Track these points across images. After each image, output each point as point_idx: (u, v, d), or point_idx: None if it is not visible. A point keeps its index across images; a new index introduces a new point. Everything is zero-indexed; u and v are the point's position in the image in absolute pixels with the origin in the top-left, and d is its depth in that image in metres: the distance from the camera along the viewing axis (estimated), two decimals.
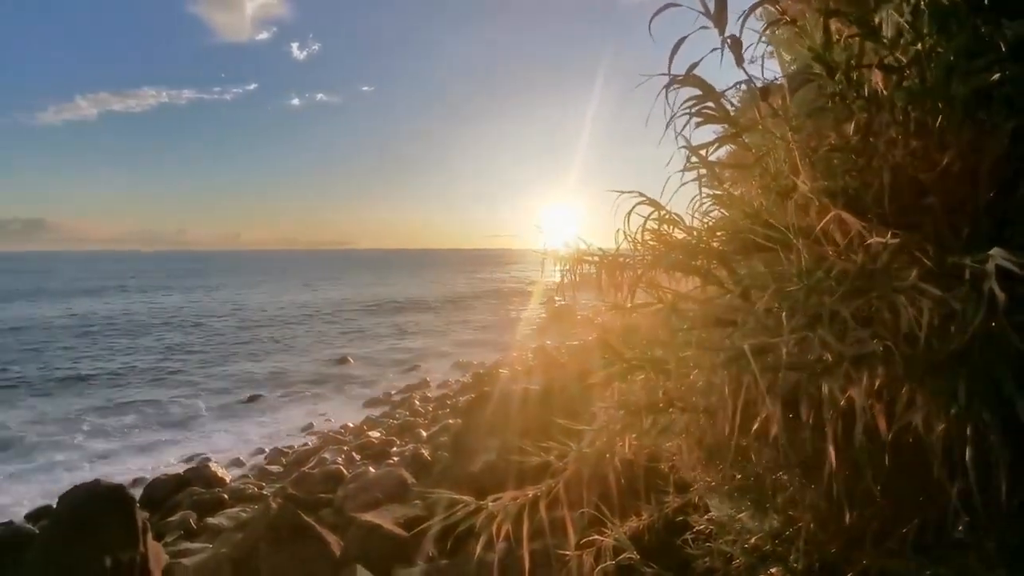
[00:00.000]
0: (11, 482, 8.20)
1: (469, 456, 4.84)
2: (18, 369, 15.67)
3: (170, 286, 48.97)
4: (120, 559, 3.50)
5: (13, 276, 60.64)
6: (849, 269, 0.75)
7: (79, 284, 48.88)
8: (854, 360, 0.70)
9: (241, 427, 10.79)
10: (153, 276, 62.04)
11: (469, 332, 23.09)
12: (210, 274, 67.54)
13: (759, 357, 0.75)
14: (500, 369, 12.82)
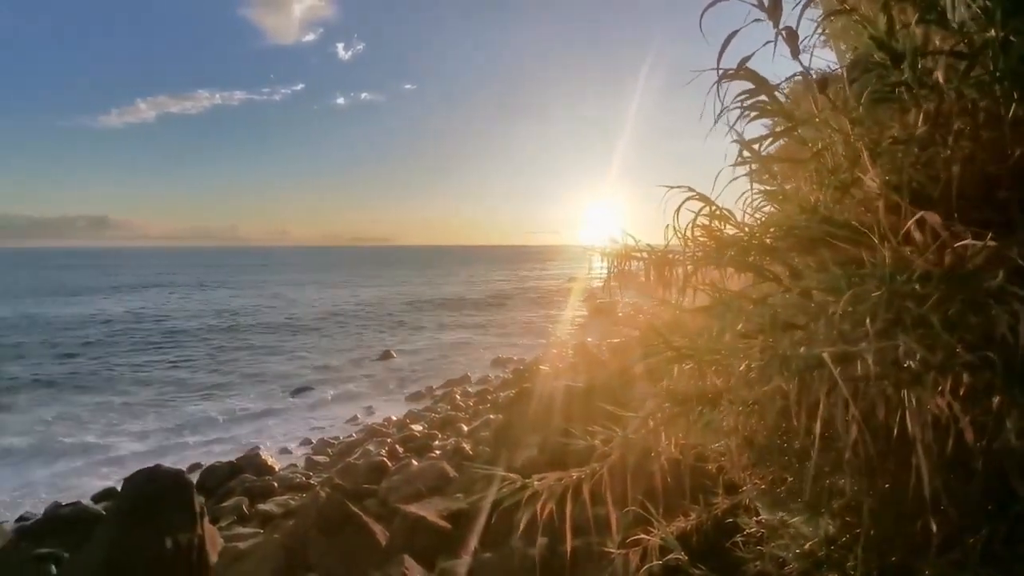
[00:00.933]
0: (78, 465, 8.70)
1: (511, 451, 4.86)
2: (83, 361, 16.62)
3: (222, 281, 50.99)
4: (179, 541, 3.68)
5: (80, 271, 64.10)
6: (933, 271, 0.72)
7: (142, 279, 51.35)
8: (941, 368, 0.67)
9: (289, 418, 11.16)
10: (206, 272, 64.56)
11: (509, 328, 23.17)
12: (259, 270, 69.91)
13: (840, 366, 0.73)
14: (540, 366, 12.81)
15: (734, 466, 1.64)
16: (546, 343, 18.48)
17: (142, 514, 3.65)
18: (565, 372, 10.92)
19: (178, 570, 3.72)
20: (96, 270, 66.73)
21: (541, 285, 46.20)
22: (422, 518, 3.43)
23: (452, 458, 6.31)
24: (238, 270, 65.34)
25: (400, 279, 55.05)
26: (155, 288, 42.02)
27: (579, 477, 1.50)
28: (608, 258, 1.77)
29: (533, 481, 1.56)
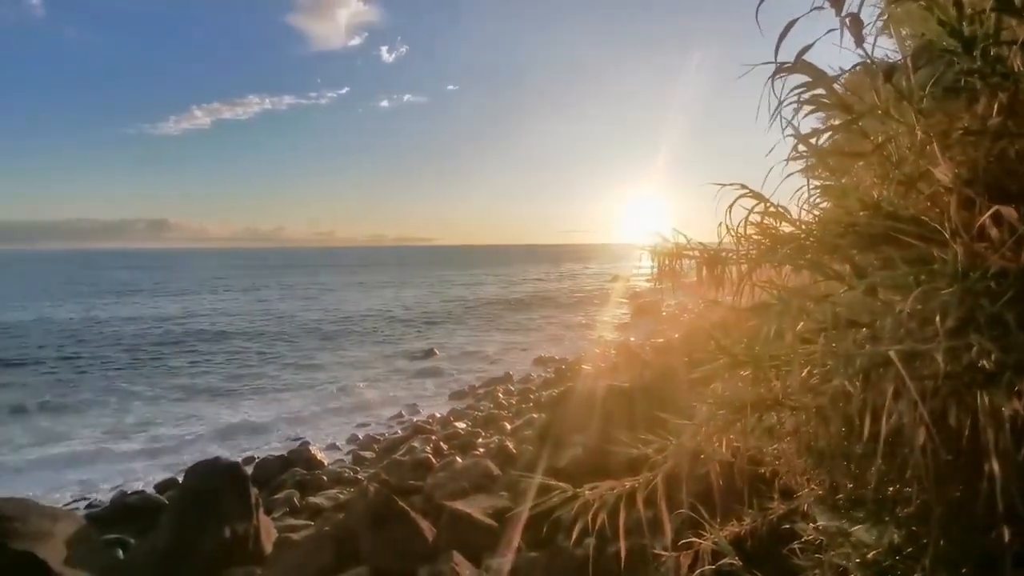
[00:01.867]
0: (139, 456, 9.17)
1: (554, 450, 4.85)
2: (143, 358, 17.51)
3: (269, 282, 52.75)
4: (237, 530, 3.84)
5: (140, 272, 67.34)
6: (1010, 268, 0.69)
7: (196, 280, 53.63)
8: (1017, 368, 0.64)
9: (336, 415, 11.45)
10: (255, 272, 66.86)
11: (550, 327, 23.13)
12: (305, 271, 71.97)
13: (908, 364, 0.70)
14: (582, 365, 12.75)
15: (790, 471, 1.60)
16: (588, 343, 18.37)
17: (203, 504, 3.82)
18: (608, 372, 10.83)
19: (235, 558, 3.88)
20: (154, 271, 70.03)
21: (581, 284, 45.93)
22: (468, 515, 3.46)
23: (496, 456, 6.34)
24: (285, 271, 67.42)
25: (442, 279, 55.71)
26: (209, 288, 43.82)
27: (632, 486, 1.48)
28: (658, 257, 1.75)
29: (585, 491, 1.56)
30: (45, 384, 13.95)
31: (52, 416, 11.16)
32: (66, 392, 13.18)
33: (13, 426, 10.50)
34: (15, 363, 16.44)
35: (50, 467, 8.72)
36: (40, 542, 3.07)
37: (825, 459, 1.38)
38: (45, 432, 10.20)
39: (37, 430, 10.37)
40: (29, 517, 3.24)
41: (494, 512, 4.04)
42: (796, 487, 1.68)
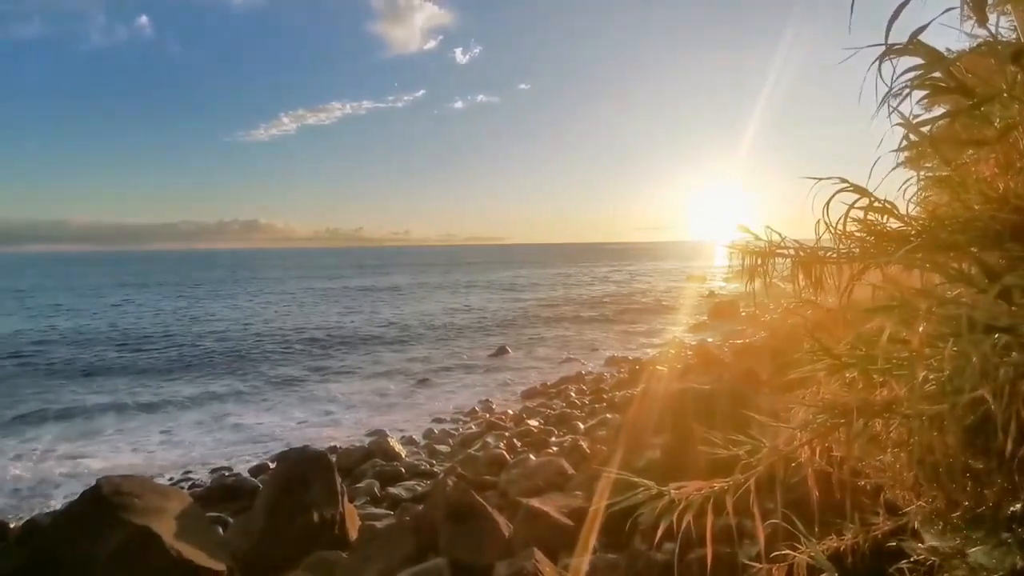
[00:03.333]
0: (233, 441, 9.86)
1: (630, 451, 4.77)
2: (234, 347, 18.82)
3: (349, 279, 55.22)
4: (324, 515, 4.05)
5: (236, 271, 72.23)
6: None
7: (285, 278, 56.94)
8: None
9: (412, 409, 11.82)
10: (337, 271, 70.03)
11: (622, 326, 22.76)
12: (382, 269, 74.69)
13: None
14: (657, 366, 12.45)
15: (897, 484, 1.49)
16: (662, 343, 17.92)
17: (293, 489, 4.06)
18: (684, 373, 10.52)
19: (322, 542, 4.09)
20: (246, 270, 74.86)
21: (655, 283, 44.86)
22: (545, 513, 3.47)
23: (570, 455, 6.32)
24: (364, 270, 70.16)
25: (512, 277, 56.13)
26: (296, 285, 46.38)
27: (722, 488, 1.43)
28: (747, 255, 1.68)
29: (670, 489, 1.52)
30: (182, 372, 15.31)
31: (159, 405, 12.21)
32: (174, 382, 14.40)
33: (139, 416, 11.58)
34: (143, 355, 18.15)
35: (163, 448, 9.58)
36: (155, 517, 3.37)
37: (940, 474, 1.27)
38: (162, 418, 11.21)
39: (148, 417, 11.40)
40: (145, 494, 3.56)
41: (569, 511, 4.02)
42: (903, 502, 1.56)
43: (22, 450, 9.47)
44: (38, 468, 8.80)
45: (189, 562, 3.29)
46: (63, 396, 12.77)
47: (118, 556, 3.28)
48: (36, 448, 9.58)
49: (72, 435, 10.25)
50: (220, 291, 42.94)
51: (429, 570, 3.13)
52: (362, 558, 3.54)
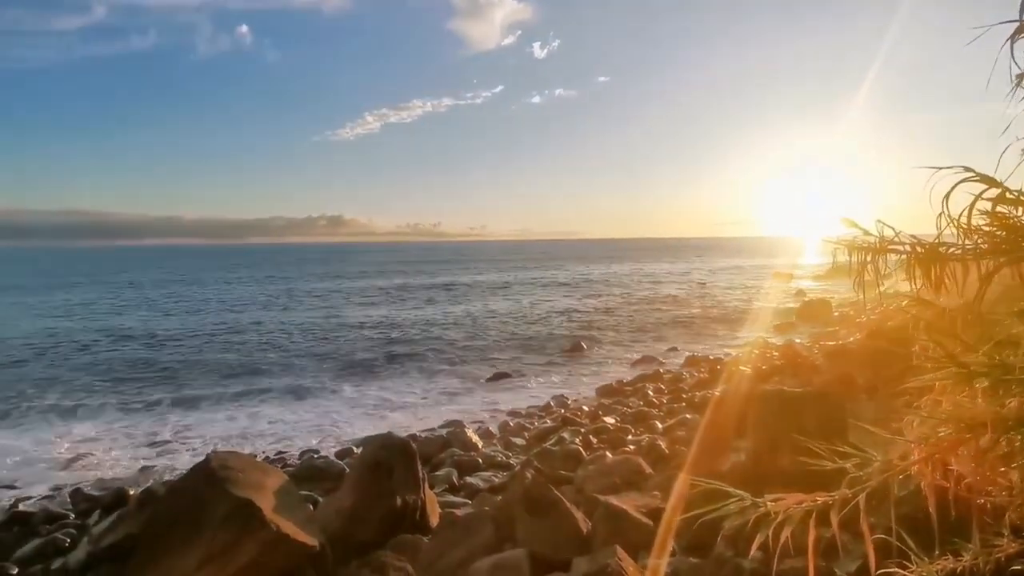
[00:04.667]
0: (319, 427, 10.44)
1: (712, 454, 4.62)
2: (321, 337, 19.89)
3: (429, 273, 56.83)
4: (407, 500, 4.21)
5: (328, 265, 76.13)
6: None
7: (373, 274, 59.44)
8: None
9: (489, 401, 12.03)
10: (417, 266, 72.22)
11: (703, 324, 22.00)
12: (460, 263, 76.25)
13: None
14: (740, 366, 11.94)
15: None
16: (745, 343, 17.16)
17: (378, 474, 4.25)
18: (770, 375, 10.03)
19: (405, 525, 4.26)
20: (337, 264, 78.72)
21: (738, 280, 42.95)
22: (624, 511, 3.43)
23: (647, 454, 6.19)
24: (442, 265, 71.85)
25: (588, 272, 55.62)
26: (380, 281, 48.31)
27: (825, 502, 1.36)
28: (857, 252, 1.58)
29: (767, 501, 1.46)
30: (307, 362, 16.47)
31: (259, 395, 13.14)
32: (267, 369, 15.44)
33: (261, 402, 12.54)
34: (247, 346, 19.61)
35: (259, 429, 10.34)
36: (256, 491, 3.63)
37: None
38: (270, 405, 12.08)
39: (247, 400, 12.32)
40: (247, 469, 3.85)
41: (648, 511, 3.96)
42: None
43: (147, 428, 10.51)
44: (154, 444, 9.74)
45: (286, 535, 3.52)
46: (182, 382, 14.01)
47: (224, 525, 3.56)
48: (156, 428, 10.60)
49: (186, 416, 11.25)
50: (310, 283, 45.57)
51: (508, 560, 3.18)
52: (443, 543, 3.65)
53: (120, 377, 14.26)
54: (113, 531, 4.94)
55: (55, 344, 19.08)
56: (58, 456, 8.99)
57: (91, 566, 4.77)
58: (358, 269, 63.35)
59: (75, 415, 11.05)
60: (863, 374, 7.15)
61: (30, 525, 6.48)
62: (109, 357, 16.94)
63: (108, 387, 13.21)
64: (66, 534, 5.99)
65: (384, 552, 3.34)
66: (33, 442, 9.70)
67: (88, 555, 4.83)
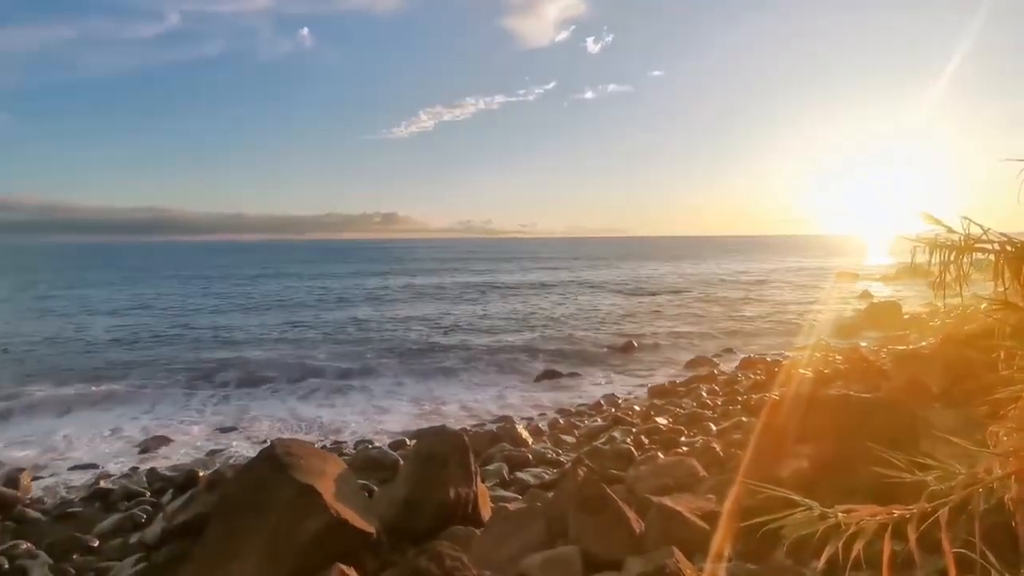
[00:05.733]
0: (372, 419, 10.73)
1: (771, 459, 4.47)
2: (359, 330, 20.39)
3: (481, 270, 57.35)
4: (460, 493, 4.28)
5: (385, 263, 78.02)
6: None
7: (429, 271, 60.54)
8: None
9: (537, 398, 12.05)
10: (470, 263, 72.93)
11: (760, 325, 21.27)
12: (510, 260, 76.54)
13: None
14: (800, 369, 11.49)
15: None
16: (806, 345, 16.49)
17: (433, 465, 4.34)
18: (832, 380, 9.63)
19: (457, 517, 4.33)
20: (390, 262, 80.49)
21: (796, 279, 41.26)
22: (679, 513, 3.38)
23: (701, 456, 6.05)
24: (494, 263, 72.26)
25: (640, 270, 54.74)
26: (430, 278, 49.16)
27: (903, 516, 1.30)
28: (939, 250, 1.51)
29: (837, 512, 1.41)
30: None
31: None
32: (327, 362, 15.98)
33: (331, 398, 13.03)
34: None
35: (316, 418, 10.75)
36: (317, 477, 3.78)
37: None
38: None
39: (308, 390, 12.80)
40: (309, 456, 4.01)
41: (702, 514, 3.88)
42: None
43: (214, 415, 11.11)
44: (221, 430, 10.27)
45: (345, 521, 3.65)
46: (247, 372, 14.71)
47: (287, 508, 3.72)
48: (223, 415, 11.17)
49: (250, 404, 11.81)
50: (365, 279, 46.81)
51: (561, 556, 3.19)
52: (496, 536, 3.69)
53: (191, 367, 15.10)
54: (185, 510, 5.25)
55: (134, 334, 20.38)
56: (136, 438, 9.62)
57: (165, 541, 5.08)
58: (409, 266, 64.60)
59: (151, 400, 11.77)
60: (937, 381, 6.76)
61: (110, 501, 6.97)
62: (181, 347, 17.96)
63: (181, 375, 14.02)
64: (142, 511, 6.41)
65: (440, 542, 3.41)
66: (113, 424, 10.41)
67: (163, 531, 5.15)
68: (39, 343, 18.34)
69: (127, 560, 5.03)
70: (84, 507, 6.85)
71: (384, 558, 3.89)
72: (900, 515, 1.32)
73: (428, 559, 2.75)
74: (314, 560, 3.53)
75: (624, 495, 4.85)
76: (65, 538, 5.70)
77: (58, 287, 39.48)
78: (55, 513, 6.64)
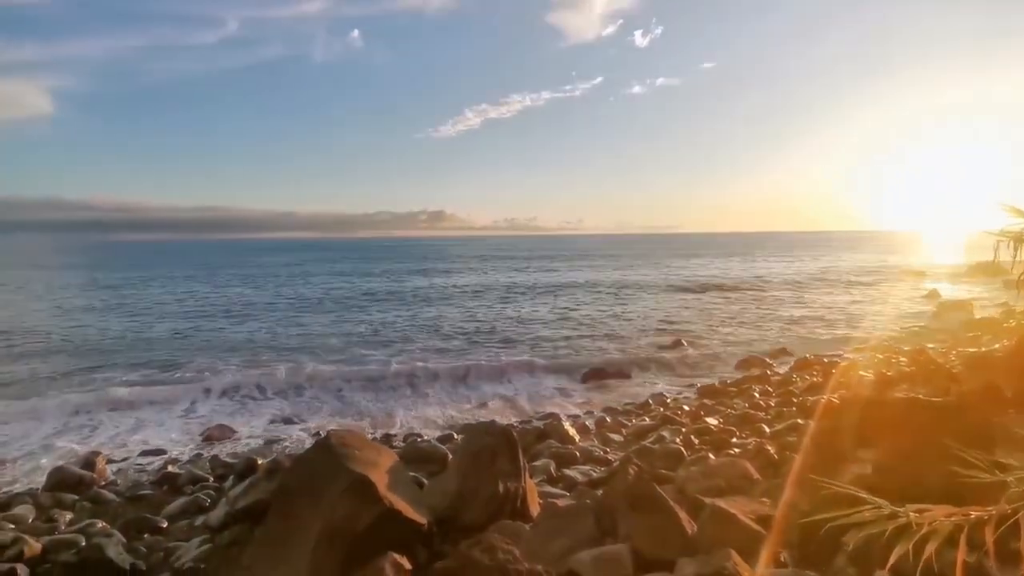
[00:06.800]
0: (420, 413, 10.92)
1: (830, 463, 4.31)
2: (426, 326, 20.72)
3: (523, 268, 57.43)
4: (508, 487, 4.30)
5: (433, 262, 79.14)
6: None
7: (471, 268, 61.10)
8: None
9: (584, 396, 12.00)
10: (519, 261, 73.10)
11: (815, 325, 20.47)
12: (555, 259, 76.27)
13: None
14: (861, 371, 10.99)
15: None
16: (868, 346, 15.76)
17: (482, 459, 4.38)
18: (897, 382, 9.18)
19: (506, 511, 4.36)
20: (437, 260, 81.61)
21: (854, 277, 39.44)
22: (733, 515, 3.30)
23: (754, 459, 5.88)
24: (541, 261, 72.11)
25: (687, 267, 53.58)
26: (475, 276, 49.58)
27: (980, 517, 1.24)
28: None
29: (909, 511, 1.35)
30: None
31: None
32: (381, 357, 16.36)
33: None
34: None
35: (368, 412, 11.03)
36: (371, 468, 3.88)
37: None
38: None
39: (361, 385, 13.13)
40: (363, 447, 4.12)
41: (756, 518, 3.77)
42: None
43: (272, 405, 11.57)
44: (277, 421, 10.68)
45: (398, 511, 3.73)
46: (301, 364, 15.22)
47: (341, 498, 3.83)
48: (280, 406, 11.62)
49: (305, 395, 12.24)
50: (412, 277, 47.63)
51: (611, 554, 3.17)
52: (546, 532, 3.70)
53: (249, 360, 15.77)
54: (246, 496, 5.48)
55: (197, 329, 21.41)
56: (199, 426, 10.12)
57: (227, 525, 5.32)
58: (456, 264, 65.28)
59: (213, 391, 12.34)
60: (1012, 386, 6.36)
61: (176, 485, 7.36)
62: (241, 342, 18.75)
63: (240, 368, 14.65)
64: (206, 495, 6.74)
65: (493, 534, 3.44)
66: (179, 412, 10.99)
67: (225, 515, 5.39)
68: (113, 336, 19.52)
69: (193, 541, 5.30)
70: (153, 490, 7.26)
71: (435, 549, 3.96)
72: (977, 516, 1.25)
73: (481, 550, 2.79)
74: (368, 548, 3.63)
75: (674, 495, 4.77)
76: (136, 518, 6.05)
77: (131, 283, 41.89)
78: (127, 495, 7.07)
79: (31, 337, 18.90)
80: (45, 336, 19.20)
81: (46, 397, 11.86)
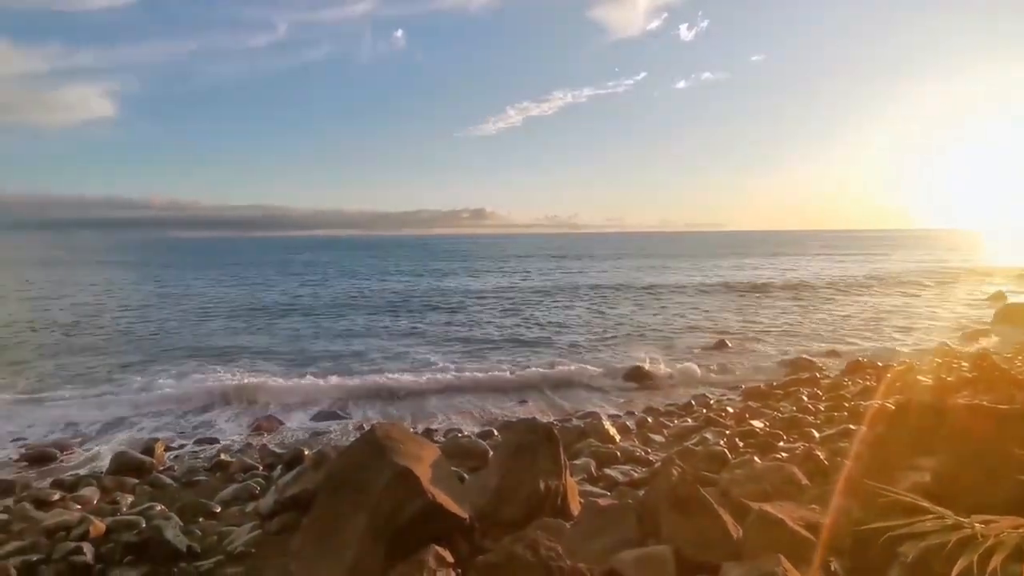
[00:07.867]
0: (461, 411, 11.02)
1: (885, 471, 4.13)
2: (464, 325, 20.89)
3: (566, 267, 57.23)
4: (549, 485, 4.31)
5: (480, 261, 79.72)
6: None
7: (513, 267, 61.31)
8: None
9: (624, 396, 11.88)
10: (558, 261, 72.92)
11: (868, 327, 19.66)
12: (596, 257, 75.66)
13: None
14: (918, 376, 10.51)
15: None
16: (925, 349, 15.05)
17: (523, 456, 4.40)
18: (957, 388, 8.74)
19: (546, 509, 4.37)
20: (477, 259, 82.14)
21: (910, 277, 37.64)
22: (782, 520, 3.21)
23: (802, 464, 5.71)
24: (581, 261, 71.64)
25: (735, 266, 52.27)
26: (515, 277, 49.71)
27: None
28: None
29: (974, 522, 1.30)
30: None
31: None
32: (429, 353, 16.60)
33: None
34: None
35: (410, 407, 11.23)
36: (415, 462, 3.95)
37: None
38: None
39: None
40: (407, 441, 4.19)
41: (805, 524, 3.66)
42: None
43: (319, 398, 11.90)
44: (322, 417, 10.97)
45: (441, 505, 3.79)
46: (345, 361, 15.61)
47: (386, 490, 3.91)
48: (323, 398, 11.95)
49: (346, 386, 12.54)
50: (453, 276, 48.14)
51: (654, 555, 3.13)
52: (587, 530, 3.69)
53: (295, 355, 16.27)
54: (294, 485, 5.67)
55: (248, 324, 22.22)
56: (250, 417, 10.51)
57: (276, 512, 5.52)
58: (497, 263, 65.53)
59: (263, 383, 12.77)
60: None
61: (229, 472, 7.67)
62: (287, 337, 19.37)
63: (287, 362, 15.14)
64: (256, 483, 6.99)
65: (535, 531, 3.46)
66: (230, 402, 11.44)
67: (275, 503, 5.59)
68: (171, 330, 20.45)
69: (244, 527, 5.51)
70: (207, 476, 7.58)
71: (476, 544, 4.00)
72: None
73: (524, 546, 2.80)
74: (411, 540, 3.70)
75: (717, 498, 4.68)
76: (192, 503, 6.33)
77: (184, 278, 43.81)
78: (183, 480, 7.41)
79: (97, 330, 20.01)
80: (110, 329, 20.30)
81: (111, 385, 12.55)
